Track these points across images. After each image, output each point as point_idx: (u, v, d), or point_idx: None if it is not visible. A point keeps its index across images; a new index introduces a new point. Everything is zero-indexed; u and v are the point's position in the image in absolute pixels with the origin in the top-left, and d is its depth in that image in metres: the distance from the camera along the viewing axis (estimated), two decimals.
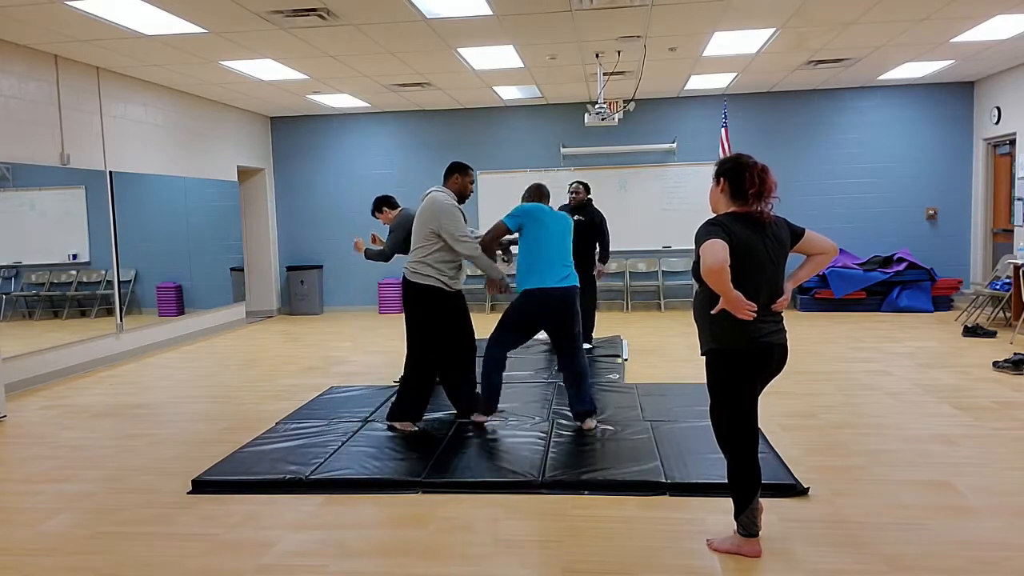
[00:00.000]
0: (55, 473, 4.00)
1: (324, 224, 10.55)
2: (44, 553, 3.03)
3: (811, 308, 9.18)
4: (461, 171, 4.64)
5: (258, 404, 5.37)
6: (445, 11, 5.58)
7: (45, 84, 6.45)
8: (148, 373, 6.68)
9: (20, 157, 6.18)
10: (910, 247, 9.46)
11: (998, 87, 8.74)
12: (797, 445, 4.07)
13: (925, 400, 4.97)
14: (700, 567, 2.75)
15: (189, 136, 8.63)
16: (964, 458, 3.84)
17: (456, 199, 4.56)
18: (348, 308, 10.54)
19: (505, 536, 3.07)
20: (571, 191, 7.03)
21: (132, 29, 5.79)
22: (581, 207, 6.92)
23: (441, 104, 9.78)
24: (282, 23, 5.71)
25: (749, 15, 5.90)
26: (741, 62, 7.68)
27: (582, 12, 5.64)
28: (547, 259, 4.36)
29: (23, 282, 6.36)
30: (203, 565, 2.88)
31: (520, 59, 7.18)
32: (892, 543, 2.90)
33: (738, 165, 2.73)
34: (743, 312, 2.60)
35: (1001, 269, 8.10)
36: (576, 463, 3.81)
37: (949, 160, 9.44)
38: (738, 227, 2.66)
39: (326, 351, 7.50)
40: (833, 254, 2.87)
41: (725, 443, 2.82)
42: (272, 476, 3.74)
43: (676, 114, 9.82)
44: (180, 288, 8.38)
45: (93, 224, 7.03)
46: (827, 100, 9.56)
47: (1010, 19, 6.24)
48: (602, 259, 6.98)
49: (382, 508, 3.40)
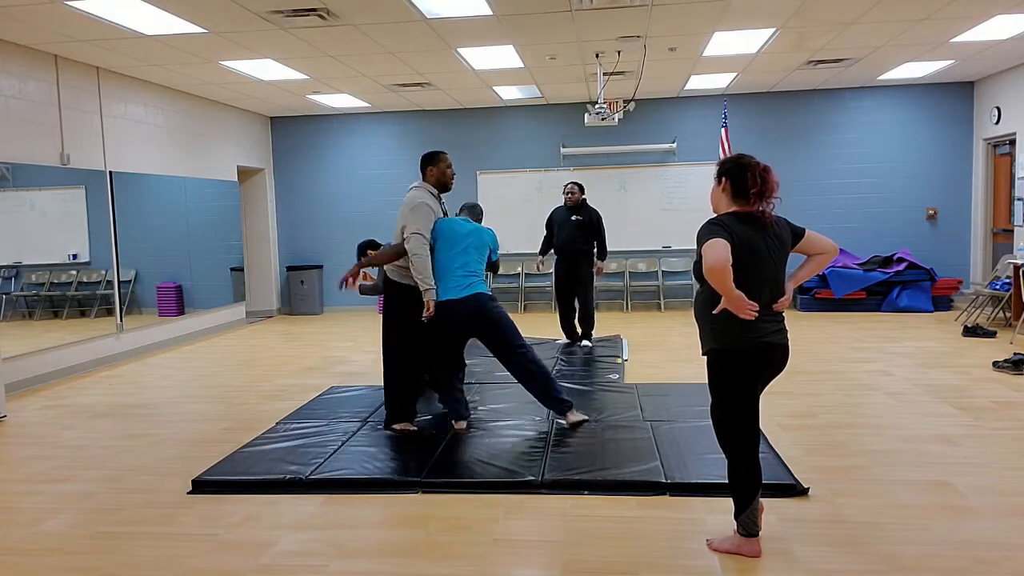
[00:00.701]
0: (55, 473, 4.00)
1: (324, 224, 10.55)
2: (44, 553, 3.03)
3: (811, 308, 9.18)
4: (432, 161, 4.53)
5: (258, 404, 5.37)
6: (445, 11, 5.58)
7: (45, 84, 6.45)
8: (148, 373, 6.68)
9: (20, 157, 6.18)
10: (910, 247, 9.46)
11: (998, 87, 8.74)
12: (797, 445, 4.07)
13: (925, 400, 4.97)
14: (700, 567, 2.75)
15: (189, 136, 8.63)
16: (964, 458, 3.84)
17: (437, 192, 4.50)
18: (348, 308, 10.53)
19: (505, 536, 3.07)
20: (566, 192, 7.11)
21: (132, 29, 5.79)
22: (577, 207, 7.01)
23: (441, 104, 9.78)
24: (282, 23, 5.71)
25: (749, 15, 5.90)
26: (741, 62, 7.68)
27: (582, 12, 5.64)
28: (447, 271, 4.31)
29: (23, 282, 6.36)
30: (203, 565, 2.88)
31: (520, 59, 7.18)
32: (892, 543, 2.90)
33: (740, 165, 2.73)
34: (745, 312, 2.60)
35: (1001, 269, 8.10)
36: (576, 463, 3.81)
37: (949, 160, 9.43)
38: (740, 227, 2.66)
39: (326, 351, 7.50)
40: (834, 254, 2.87)
41: (726, 443, 2.82)
42: (272, 476, 3.74)
43: (676, 114, 9.82)
44: (180, 288, 8.38)
45: (93, 224, 7.03)
46: (827, 100, 9.56)
47: (1010, 19, 6.24)
48: (600, 256, 7.06)
49: (382, 508, 3.40)
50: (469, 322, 4.35)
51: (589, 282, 7.07)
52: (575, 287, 7.09)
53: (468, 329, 4.42)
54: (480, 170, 10.18)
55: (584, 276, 7.02)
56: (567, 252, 7.04)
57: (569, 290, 7.14)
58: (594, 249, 7.03)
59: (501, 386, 5.51)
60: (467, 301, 4.28)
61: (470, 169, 10.15)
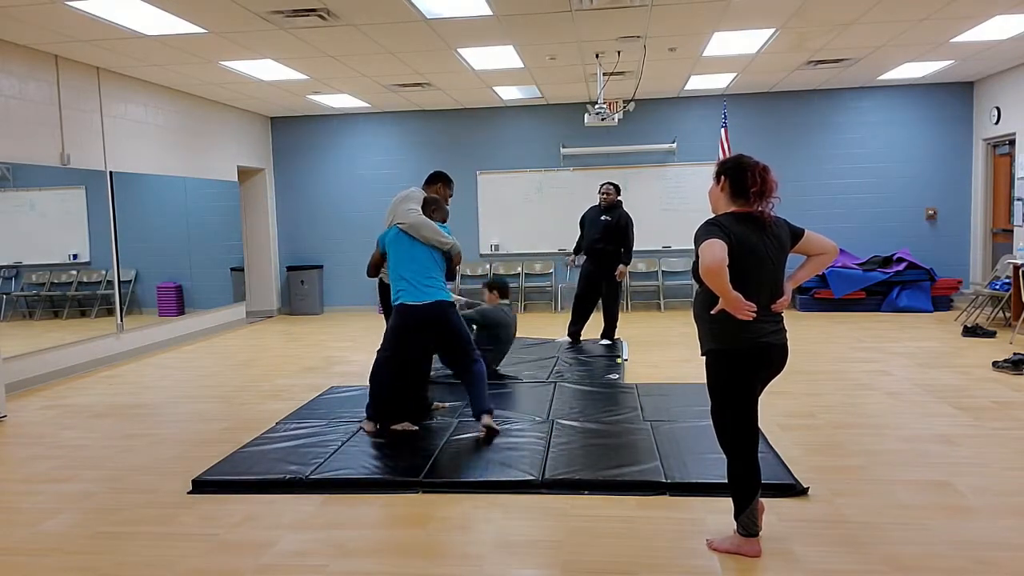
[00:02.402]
0: (55, 473, 4.00)
1: (324, 224, 10.55)
2: (44, 553, 3.03)
3: (811, 308, 9.18)
4: (442, 180, 4.61)
5: (258, 404, 5.37)
6: (445, 11, 5.58)
7: (45, 84, 6.45)
8: (148, 373, 6.68)
9: (20, 157, 6.18)
10: (910, 247, 9.46)
11: (998, 87, 8.74)
12: (797, 445, 4.07)
13: (925, 400, 4.97)
14: (700, 567, 2.75)
15: (189, 136, 8.63)
16: (964, 458, 3.84)
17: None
18: (348, 308, 10.54)
19: (505, 536, 3.07)
20: (602, 192, 7.13)
21: (132, 29, 5.79)
22: (610, 208, 7.01)
23: (441, 104, 9.78)
24: (282, 23, 5.71)
25: (749, 15, 5.90)
26: (741, 62, 7.68)
27: (582, 12, 5.64)
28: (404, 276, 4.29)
29: (23, 282, 6.36)
30: (203, 565, 2.88)
31: (520, 59, 7.18)
32: (892, 543, 2.90)
33: (739, 165, 2.73)
34: (743, 312, 2.60)
35: (1001, 269, 8.10)
36: (576, 463, 3.81)
37: (949, 160, 9.44)
38: (738, 227, 2.66)
39: (326, 351, 7.50)
40: (834, 254, 2.87)
41: (725, 443, 2.82)
42: (272, 476, 3.74)
43: (676, 114, 9.82)
44: (180, 288, 8.38)
45: (93, 224, 7.03)
46: (827, 100, 9.56)
47: (1010, 19, 6.25)
48: (623, 260, 7.01)
49: (382, 508, 3.40)
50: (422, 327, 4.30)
51: (613, 284, 7.05)
52: (596, 288, 7.08)
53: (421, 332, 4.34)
54: (480, 170, 10.18)
55: (607, 278, 7.01)
56: (591, 252, 7.07)
57: (588, 291, 7.13)
58: (620, 251, 7.00)
59: (501, 386, 5.52)
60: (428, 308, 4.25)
61: (470, 169, 10.16)
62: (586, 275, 7.13)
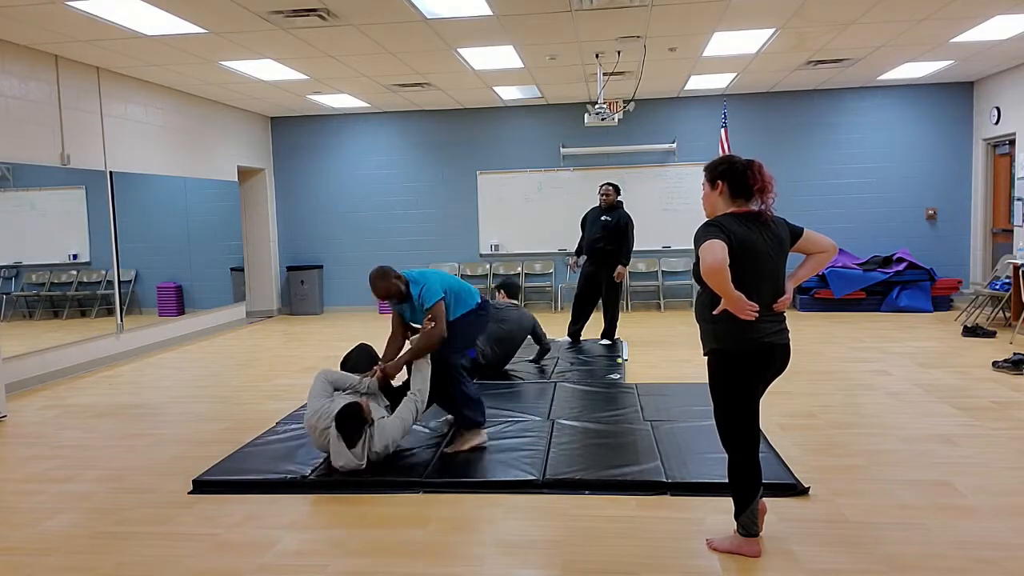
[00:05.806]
0: (55, 473, 4.00)
1: (324, 224, 10.55)
2: (44, 553, 3.03)
3: (811, 308, 9.18)
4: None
5: (258, 404, 5.37)
6: (445, 11, 5.58)
7: (45, 84, 6.45)
8: (148, 373, 6.68)
9: (20, 157, 6.18)
10: (910, 247, 9.46)
11: (998, 87, 8.74)
12: (797, 445, 4.07)
13: (925, 400, 4.97)
14: (700, 567, 2.75)
15: (189, 136, 8.63)
16: (964, 458, 3.84)
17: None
18: (348, 308, 10.54)
19: (505, 536, 3.07)
20: (601, 192, 7.14)
21: (132, 29, 5.79)
22: (610, 208, 7.03)
23: (441, 104, 9.78)
24: (282, 23, 5.71)
25: (749, 15, 5.90)
26: (741, 62, 7.68)
27: (582, 12, 5.64)
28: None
29: (23, 282, 6.36)
30: (203, 565, 2.88)
31: (520, 59, 7.18)
32: (892, 543, 2.90)
33: (734, 165, 2.74)
34: (745, 312, 2.60)
35: (1001, 269, 8.10)
36: (576, 463, 3.81)
37: (949, 160, 9.44)
38: (738, 227, 2.66)
39: (326, 351, 7.50)
40: (833, 253, 2.87)
41: (727, 443, 2.82)
42: (272, 476, 3.74)
43: (676, 114, 9.82)
44: (180, 288, 8.38)
45: (93, 224, 7.03)
46: (827, 100, 9.56)
47: (1010, 19, 6.25)
48: (622, 261, 7.00)
49: (382, 508, 3.40)
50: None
51: (613, 284, 7.06)
52: (596, 288, 7.09)
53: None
54: (480, 170, 10.18)
55: (606, 278, 7.02)
56: (591, 252, 7.07)
57: (588, 291, 7.14)
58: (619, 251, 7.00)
59: (501, 386, 5.52)
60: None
61: (470, 169, 10.16)
62: (586, 275, 7.14)
